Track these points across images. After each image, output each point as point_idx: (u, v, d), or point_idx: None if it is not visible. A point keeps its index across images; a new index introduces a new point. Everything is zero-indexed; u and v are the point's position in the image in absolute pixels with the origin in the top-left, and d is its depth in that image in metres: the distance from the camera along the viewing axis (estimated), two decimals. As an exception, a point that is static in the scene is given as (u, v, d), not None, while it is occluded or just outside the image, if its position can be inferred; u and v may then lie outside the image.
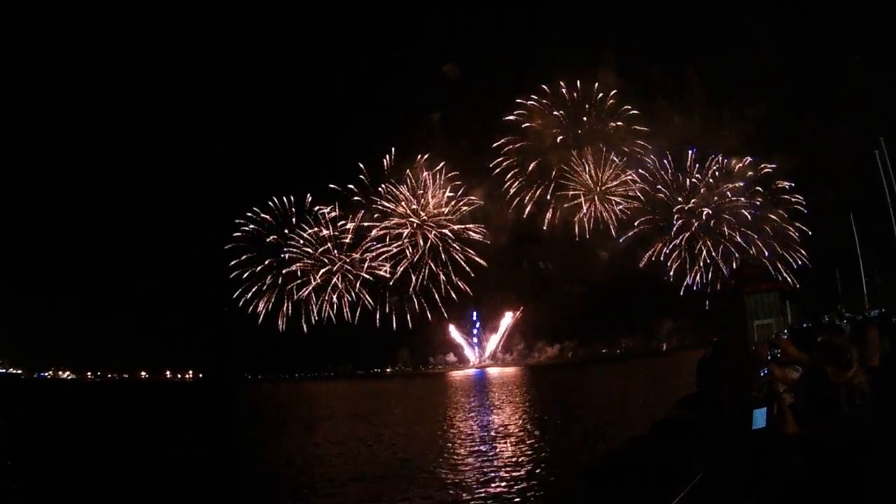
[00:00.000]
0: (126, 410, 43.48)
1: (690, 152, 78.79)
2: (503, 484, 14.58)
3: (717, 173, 78.95)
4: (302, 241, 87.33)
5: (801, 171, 72.34)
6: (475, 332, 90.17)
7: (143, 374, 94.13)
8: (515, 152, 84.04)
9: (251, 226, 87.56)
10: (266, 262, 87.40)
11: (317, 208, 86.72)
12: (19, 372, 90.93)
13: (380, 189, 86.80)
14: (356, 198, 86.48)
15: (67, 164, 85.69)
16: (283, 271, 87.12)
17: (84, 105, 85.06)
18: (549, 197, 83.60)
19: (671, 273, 79.90)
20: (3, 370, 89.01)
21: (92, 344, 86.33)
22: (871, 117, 47.20)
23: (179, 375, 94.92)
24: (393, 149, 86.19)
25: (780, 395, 5.00)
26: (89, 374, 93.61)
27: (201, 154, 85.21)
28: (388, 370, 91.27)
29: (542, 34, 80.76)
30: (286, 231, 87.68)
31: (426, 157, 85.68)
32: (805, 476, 4.28)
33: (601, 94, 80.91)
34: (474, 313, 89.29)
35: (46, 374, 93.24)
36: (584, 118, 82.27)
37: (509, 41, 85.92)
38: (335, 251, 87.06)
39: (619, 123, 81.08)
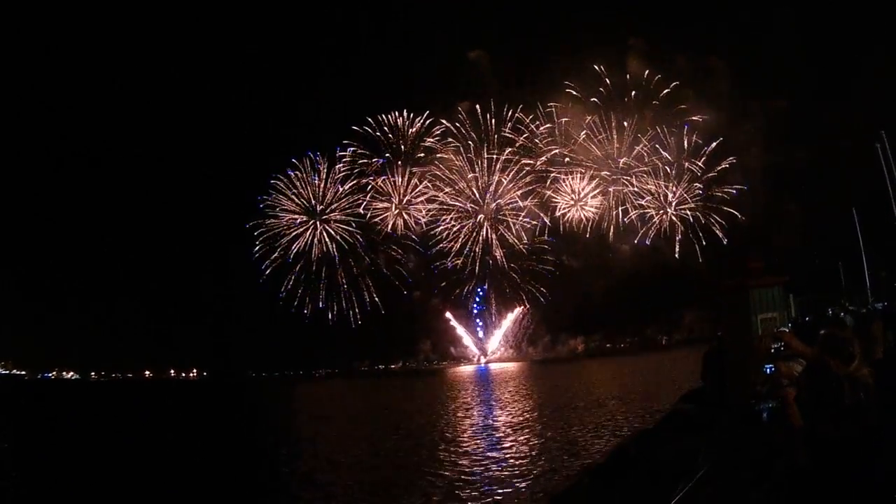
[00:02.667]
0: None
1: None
2: (511, 479, 14.64)
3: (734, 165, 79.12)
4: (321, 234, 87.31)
5: (804, 163, 71.94)
6: (479, 323, 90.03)
7: (147, 373, 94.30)
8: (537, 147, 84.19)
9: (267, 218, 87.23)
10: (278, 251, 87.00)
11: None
12: (23, 373, 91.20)
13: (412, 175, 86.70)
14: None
15: (67, 165, 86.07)
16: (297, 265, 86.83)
17: (78, 103, 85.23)
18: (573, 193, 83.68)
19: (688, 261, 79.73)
20: (7, 371, 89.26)
21: (95, 344, 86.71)
22: (874, 108, 47.08)
23: (184, 374, 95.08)
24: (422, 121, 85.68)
25: (785, 390, 5.03)
26: (93, 374, 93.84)
27: (203, 154, 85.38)
28: (394, 367, 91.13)
29: (569, 21, 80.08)
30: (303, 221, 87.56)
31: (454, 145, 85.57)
32: (810, 469, 4.31)
33: (629, 84, 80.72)
34: (476, 309, 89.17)
35: (50, 374, 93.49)
36: (610, 112, 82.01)
37: (536, 26, 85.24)
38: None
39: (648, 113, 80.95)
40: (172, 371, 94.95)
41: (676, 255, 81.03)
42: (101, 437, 28.91)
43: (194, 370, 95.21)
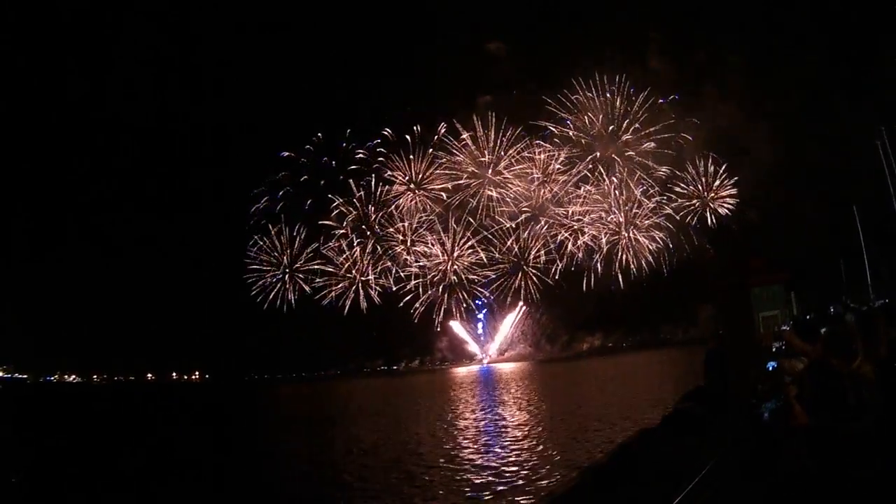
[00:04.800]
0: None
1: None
2: (513, 478, 14.63)
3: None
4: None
5: (809, 160, 71.79)
6: (481, 325, 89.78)
7: (150, 375, 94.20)
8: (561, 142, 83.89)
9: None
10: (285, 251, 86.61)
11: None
12: (25, 377, 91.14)
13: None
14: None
15: (67, 167, 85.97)
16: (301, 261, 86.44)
17: (82, 104, 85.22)
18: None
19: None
20: (9, 375, 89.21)
21: (97, 347, 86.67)
22: (876, 104, 47.08)
23: (186, 377, 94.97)
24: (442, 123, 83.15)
25: (787, 387, 5.04)
26: (95, 377, 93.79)
27: (202, 158, 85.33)
28: (396, 367, 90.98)
29: (589, 15, 79.38)
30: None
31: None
32: (812, 466, 4.30)
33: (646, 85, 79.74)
34: (481, 312, 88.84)
35: (52, 377, 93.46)
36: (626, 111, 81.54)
37: (555, 20, 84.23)
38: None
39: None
40: (175, 374, 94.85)
41: (685, 253, 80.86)
42: (105, 440, 28.91)
43: (197, 372, 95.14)
